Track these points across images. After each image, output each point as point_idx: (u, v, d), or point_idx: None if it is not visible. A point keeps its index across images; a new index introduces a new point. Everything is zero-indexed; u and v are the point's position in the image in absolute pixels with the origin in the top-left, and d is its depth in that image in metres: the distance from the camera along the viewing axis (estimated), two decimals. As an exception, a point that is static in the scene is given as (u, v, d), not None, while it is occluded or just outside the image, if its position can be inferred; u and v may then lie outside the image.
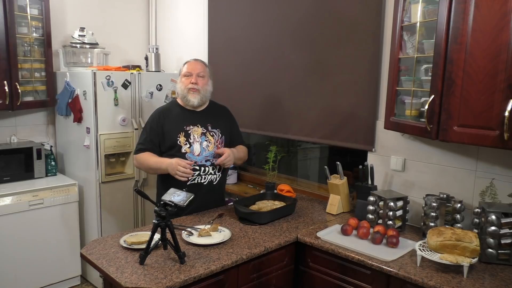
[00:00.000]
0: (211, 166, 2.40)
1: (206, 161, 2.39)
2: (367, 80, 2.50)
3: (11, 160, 3.10)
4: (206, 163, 2.39)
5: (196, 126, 2.40)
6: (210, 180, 2.40)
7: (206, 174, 2.38)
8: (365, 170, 2.43)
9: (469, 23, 1.70)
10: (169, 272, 1.68)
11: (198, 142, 2.38)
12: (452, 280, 1.66)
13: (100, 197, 3.16)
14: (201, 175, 2.37)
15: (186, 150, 2.35)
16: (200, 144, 2.38)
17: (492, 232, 1.80)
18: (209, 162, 2.40)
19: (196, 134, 2.39)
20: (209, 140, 2.41)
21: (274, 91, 3.03)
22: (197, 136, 2.39)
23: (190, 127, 2.39)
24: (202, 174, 2.37)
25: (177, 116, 2.41)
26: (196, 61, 2.46)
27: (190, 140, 2.37)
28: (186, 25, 3.75)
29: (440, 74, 1.81)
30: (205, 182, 2.39)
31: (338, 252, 1.96)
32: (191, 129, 2.38)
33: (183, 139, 2.35)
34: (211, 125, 2.45)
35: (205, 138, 2.40)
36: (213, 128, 2.45)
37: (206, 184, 2.39)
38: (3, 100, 3.00)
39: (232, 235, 2.06)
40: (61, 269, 3.19)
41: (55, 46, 3.42)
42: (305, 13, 2.78)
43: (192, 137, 2.37)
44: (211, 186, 2.42)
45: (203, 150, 2.38)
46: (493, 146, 1.68)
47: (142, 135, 2.44)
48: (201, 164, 2.37)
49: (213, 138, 2.43)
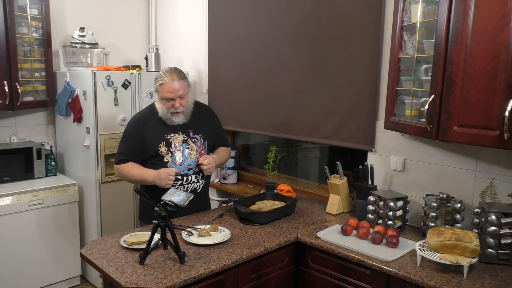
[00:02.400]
0: (193, 174, 2.32)
1: (188, 170, 2.30)
2: (367, 80, 2.50)
3: (11, 160, 3.10)
4: (188, 172, 2.30)
5: (177, 134, 2.30)
6: (193, 189, 2.33)
7: (189, 183, 2.31)
8: (365, 170, 2.42)
9: (469, 23, 1.70)
10: (169, 272, 1.68)
11: (179, 151, 2.28)
12: (452, 280, 1.66)
13: (100, 197, 3.16)
14: (184, 185, 2.29)
15: (168, 159, 2.26)
16: (181, 153, 2.29)
17: (492, 232, 1.80)
18: (191, 171, 2.31)
19: (177, 142, 2.29)
20: (191, 147, 2.32)
21: (274, 91, 3.03)
22: (178, 145, 2.29)
23: (171, 135, 2.28)
24: (185, 184, 2.29)
25: (157, 124, 2.29)
26: (173, 81, 2.20)
27: (172, 149, 2.27)
28: (186, 25, 3.75)
29: (440, 74, 1.81)
30: (188, 191, 2.30)
31: (338, 252, 1.96)
32: (171, 138, 2.28)
33: (164, 149, 2.26)
34: (192, 131, 2.35)
35: (187, 145, 2.31)
36: (194, 134, 2.35)
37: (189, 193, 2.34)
38: (3, 100, 3.00)
39: (232, 235, 2.06)
40: (61, 269, 3.19)
41: (55, 46, 3.42)
42: (305, 13, 2.78)
43: (173, 146, 2.28)
44: (195, 194, 2.31)
45: (185, 159, 2.29)
46: (493, 146, 1.68)
47: (122, 143, 2.31)
48: (184, 173, 2.28)
49: (195, 144, 2.34)
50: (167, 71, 2.25)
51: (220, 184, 3.44)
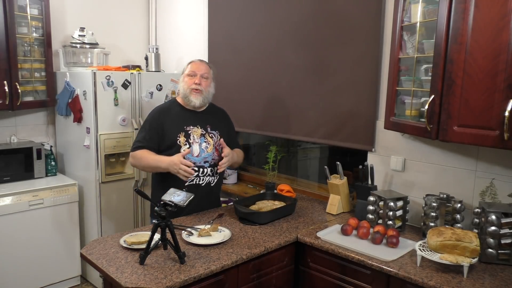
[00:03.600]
0: (209, 168, 2.38)
1: (204, 163, 2.36)
2: (367, 80, 2.50)
3: (11, 160, 3.10)
4: (204, 164, 2.36)
5: (196, 127, 2.38)
6: (208, 182, 2.38)
7: (205, 175, 2.37)
8: (365, 170, 2.42)
9: (469, 23, 1.70)
10: (169, 272, 1.68)
11: (197, 143, 2.35)
12: (452, 280, 1.66)
13: (100, 197, 3.16)
14: (199, 176, 2.35)
15: (185, 150, 2.31)
16: (199, 145, 2.36)
17: (492, 232, 1.80)
18: (207, 163, 2.37)
19: (196, 135, 2.37)
20: (208, 141, 2.39)
21: (274, 91, 3.03)
22: (197, 137, 2.37)
23: (190, 128, 2.36)
24: (201, 176, 2.35)
25: (177, 115, 2.38)
26: (201, 62, 2.43)
27: (190, 141, 2.34)
28: (186, 25, 3.75)
29: (440, 74, 1.81)
30: (203, 183, 2.36)
31: (338, 252, 1.96)
32: (191, 130, 2.36)
33: (183, 139, 2.33)
34: (210, 127, 2.43)
35: (204, 139, 2.38)
36: (212, 130, 2.43)
37: (204, 185, 2.37)
38: (3, 100, 3.00)
39: (232, 235, 2.06)
40: (61, 269, 3.19)
41: (55, 46, 3.42)
42: (305, 13, 2.78)
43: (192, 138, 2.35)
44: (209, 188, 2.40)
45: (202, 151, 2.36)
46: (493, 146, 1.68)
47: (141, 132, 2.38)
48: (200, 165, 2.35)
49: (212, 139, 2.41)
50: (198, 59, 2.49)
51: (220, 184, 3.44)
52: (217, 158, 2.40)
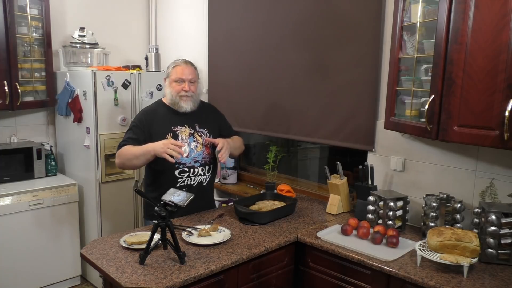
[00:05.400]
0: (200, 167, 2.35)
1: (195, 163, 2.33)
2: (367, 80, 2.50)
3: (11, 160, 3.10)
4: (195, 164, 2.33)
5: (184, 127, 2.34)
6: (199, 182, 2.36)
7: (196, 175, 2.33)
8: (365, 170, 2.43)
9: (469, 23, 1.70)
10: (169, 272, 1.68)
11: (186, 143, 2.31)
12: (452, 280, 1.66)
13: (100, 197, 3.16)
14: (191, 177, 2.31)
15: None
16: (188, 145, 2.32)
17: (492, 232, 1.80)
18: (198, 163, 2.34)
19: (184, 134, 2.33)
20: (197, 140, 2.36)
21: (274, 91, 3.03)
22: (185, 137, 2.33)
23: (178, 128, 2.32)
24: (192, 176, 2.32)
25: (164, 116, 2.33)
26: (186, 65, 2.33)
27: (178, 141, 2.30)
28: (186, 25, 3.75)
29: (440, 74, 1.81)
30: (194, 183, 2.33)
31: (338, 252, 1.96)
32: (178, 130, 2.32)
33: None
34: (198, 125, 2.39)
35: (193, 138, 2.35)
36: (200, 128, 2.39)
37: (195, 185, 2.34)
38: (3, 100, 3.00)
39: (232, 235, 2.06)
40: (61, 269, 3.19)
41: (55, 46, 3.42)
42: (305, 13, 2.78)
43: (180, 138, 2.31)
44: (201, 187, 2.37)
45: (192, 151, 2.33)
46: (493, 146, 1.68)
47: (126, 134, 2.30)
48: (190, 165, 2.31)
49: (201, 138, 2.38)
50: (180, 59, 2.39)
51: (220, 184, 3.44)
52: (208, 157, 2.38)
